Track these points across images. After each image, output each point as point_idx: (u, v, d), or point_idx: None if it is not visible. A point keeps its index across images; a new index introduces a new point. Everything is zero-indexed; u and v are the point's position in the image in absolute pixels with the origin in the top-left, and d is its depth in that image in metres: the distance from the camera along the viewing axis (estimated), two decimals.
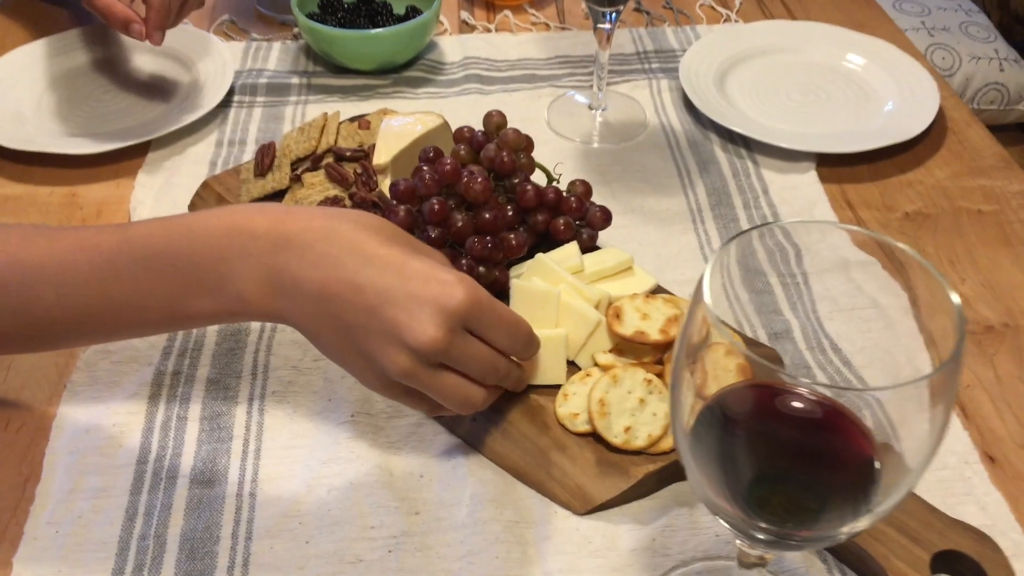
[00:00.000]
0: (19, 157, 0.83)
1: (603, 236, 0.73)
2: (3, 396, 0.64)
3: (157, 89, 0.93)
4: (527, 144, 0.72)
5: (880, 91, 0.92)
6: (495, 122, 0.73)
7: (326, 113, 0.82)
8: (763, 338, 0.64)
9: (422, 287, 0.50)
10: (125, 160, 0.85)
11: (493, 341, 0.54)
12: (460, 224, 0.65)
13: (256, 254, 0.51)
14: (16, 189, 0.82)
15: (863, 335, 0.61)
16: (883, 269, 0.49)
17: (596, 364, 0.61)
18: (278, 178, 0.76)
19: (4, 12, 1.04)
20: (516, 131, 0.71)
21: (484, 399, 0.55)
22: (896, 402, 0.37)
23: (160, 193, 0.81)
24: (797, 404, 0.39)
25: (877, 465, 0.38)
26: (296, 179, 0.76)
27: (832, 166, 0.84)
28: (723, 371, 0.42)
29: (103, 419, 0.62)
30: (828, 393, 0.37)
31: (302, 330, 0.53)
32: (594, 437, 0.58)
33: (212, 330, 0.69)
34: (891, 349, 0.58)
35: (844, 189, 0.82)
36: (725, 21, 1.07)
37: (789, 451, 0.39)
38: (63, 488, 0.58)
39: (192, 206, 0.79)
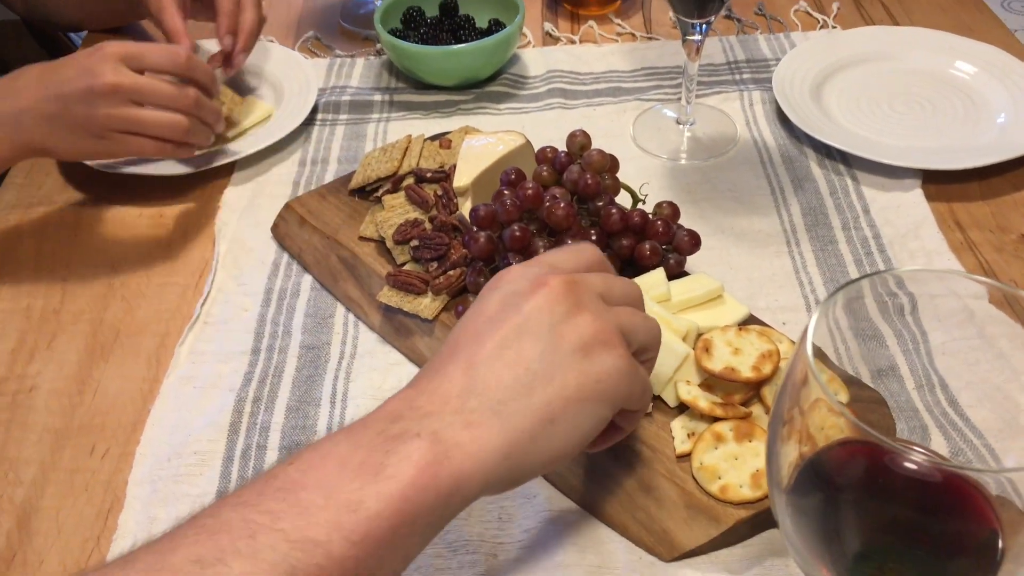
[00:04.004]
0: (109, 179, 0.84)
1: (691, 258, 0.70)
2: (89, 420, 0.65)
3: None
4: (612, 165, 0.69)
5: (992, 102, 0.86)
6: (579, 142, 0.70)
7: (410, 135, 0.80)
8: (866, 376, 0.59)
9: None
10: (211, 180, 0.85)
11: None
12: (542, 251, 0.63)
13: None
14: (106, 210, 0.83)
15: (972, 371, 0.57)
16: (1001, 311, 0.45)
17: (678, 398, 0.58)
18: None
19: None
20: (601, 152, 0.68)
21: None
22: None
23: (244, 214, 0.82)
24: (911, 465, 0.36)
25: (1000, 542, 0.34)
26: (376, 201, 0.76)
27: (939, 183, 0.79)
28: (831, 427, 0.39)
29: (185, 447, 0.62)
30: (949, 468, 0.33)
31: None
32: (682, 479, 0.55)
33: (292, 354, 0.68)
34: (1003, 387, 0.54)
35: (953, 208, 0.77)
36: (821, 27, 1.02)
37: (902, 521, 0.35)
38: (145, 518, 0.58)
39: (275, 227, 0.79)
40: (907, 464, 0.34)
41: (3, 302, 0.74)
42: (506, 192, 0.65)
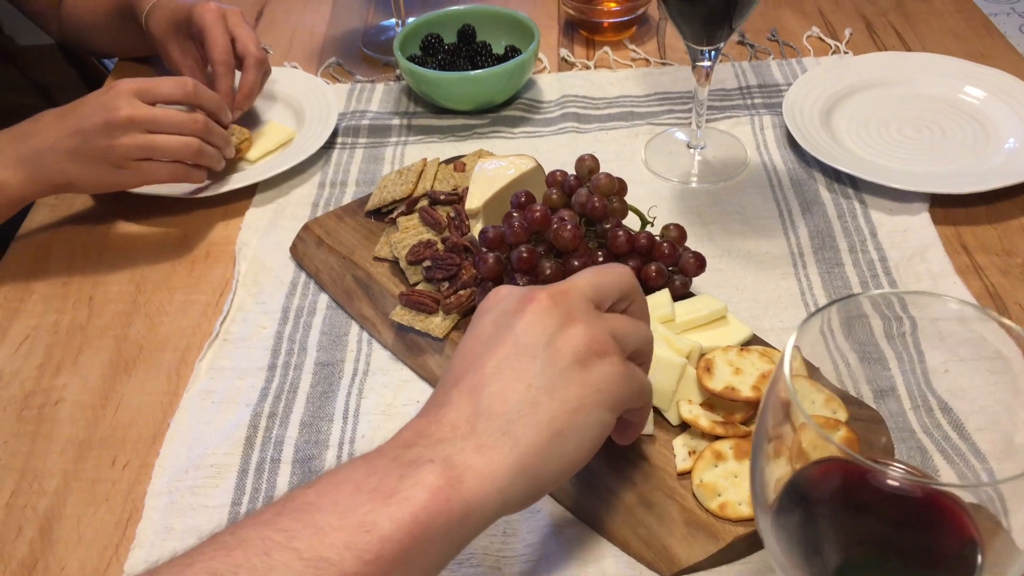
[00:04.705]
0: (135, 200, 0.87)
1: (698, 280, 0.71)
2: (112, 432, 0.67)
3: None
4: (620, 188, 0.71)
5: (1001, 127, 0.87)
6: (587, 166, 0.72)
7: (425, 159, 0.83)
8: (867, 396, 0.60)
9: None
10: (233, 201, 0.88)
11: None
12: (548, 272, 0.64)
13: None
14: (134, 230, 0.86)
15: (978, 394, 0.57)
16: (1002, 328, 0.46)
17: (680, 416, 0.60)
18: None
19: (113, 77, 1.10)
20: (608, 175, 0.70)
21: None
22: (1011, 485, 0.34)
23: (264, 234, 0.84)
24: (891, 482, 0.37)
25: (979, 557, 0.35)
26: (391, 222, 0.78)
27: (947, 207, 0.80)
28: (822, 445, 0.40)
29: (201, 459, 0.64)
30: (928, 484, 0.35)
31: None
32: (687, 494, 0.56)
33: (307, 371, 0.70)
34: (1012, 406, 0.54)
35: (959, 231, 0.78)
36: (834, 53, 1.03)
37: (886, 536, 0.36)
38: (161, 528, 0.60)
39: (293, 248, 0.81)
40: (886, 481, 0.35)
41: (32, 318, 0.77)
42: (515, 214, 0.67)
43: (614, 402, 0.47)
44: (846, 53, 1.02)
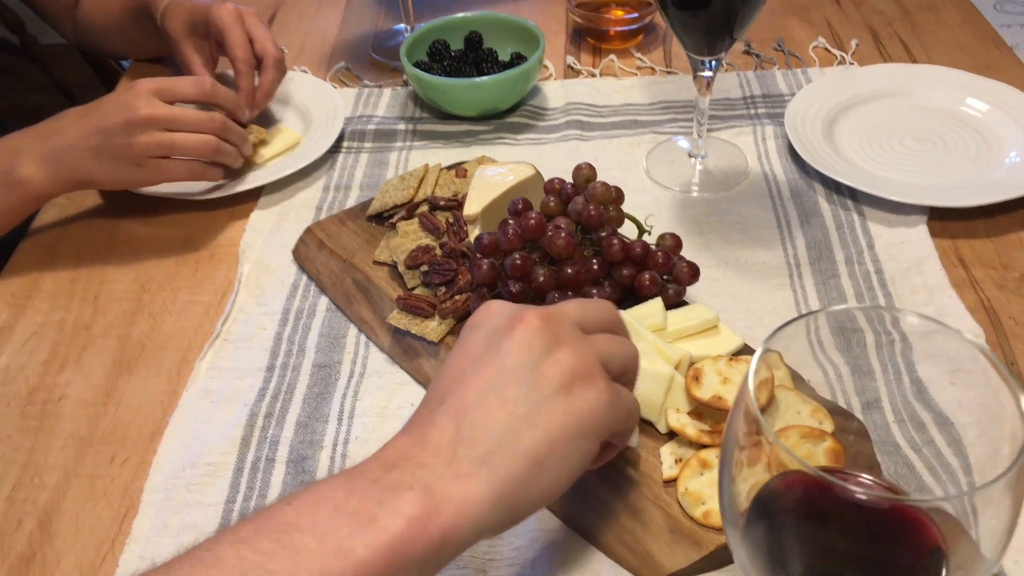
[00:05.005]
0: (143, 201, 0.88)
1: (693, 289, 0.72)
2: (112, 429, 0.68)
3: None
4: (616, 197, 0.72)
5: (1004, 140, 0.87)
6: (584, 174, 0.73)
7: (427, 164, 0.84)
8: (855, 407, 0.60)
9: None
10: (239, 203, 0.89)
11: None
12: (542, 279, 0.65)
13: None
14: (141, 230, 0.88)
15: (959, 408, 0.57)
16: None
17: (668, 425, 0.60)
18: None
19: (128, 77, 1.12)
20: (604, 184, 0.71)
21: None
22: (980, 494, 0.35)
23: (269, 237, 0.85)
24: (859, 496, 0.37)
25: (944, 569, 0.35)
26: (391, 227, 0.79)
27: (945, 220, 0.80)
28: (806, 455, 0.40)
29: (199, 458, 0.65)
30: (892, 496, 0.35)
31: None
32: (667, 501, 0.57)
33: (305, 372, 0.71)
34: (994, 422, 0.55)
35: (957, 245, 0.78)
36: (839, 64, 1.03)
37: (855, 547, 0.37)
38: (157, 524, 0.61)
39: (296, 250, 0.82)
40: (853, 494, 0.35)
41: (39, 316, 0.79)
42: (511, 221, 0.67)
43: (597, 429, 0.47)
44: (851, 64, 1.02)
